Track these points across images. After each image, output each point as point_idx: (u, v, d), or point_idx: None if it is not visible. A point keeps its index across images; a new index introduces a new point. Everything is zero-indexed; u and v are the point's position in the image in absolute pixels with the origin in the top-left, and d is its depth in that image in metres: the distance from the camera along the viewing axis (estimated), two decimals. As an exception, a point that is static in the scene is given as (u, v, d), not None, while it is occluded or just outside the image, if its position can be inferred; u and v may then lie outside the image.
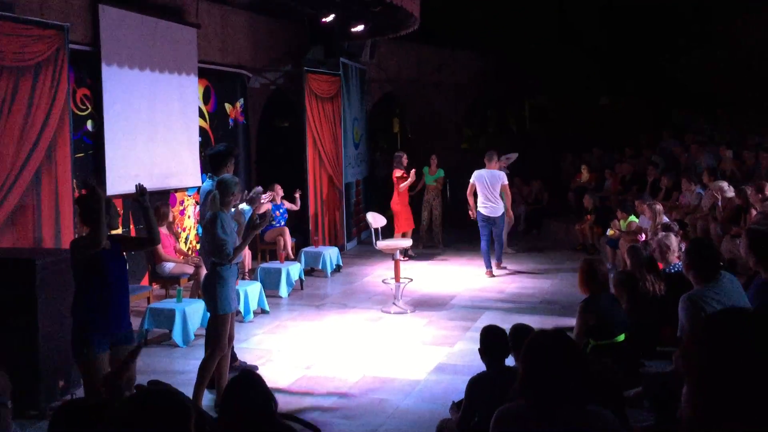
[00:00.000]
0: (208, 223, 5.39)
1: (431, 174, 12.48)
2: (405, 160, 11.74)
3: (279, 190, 10.35)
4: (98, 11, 8.06)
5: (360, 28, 11.41)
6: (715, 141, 12.99)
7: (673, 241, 6.02)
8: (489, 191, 10.34)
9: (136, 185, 4.75)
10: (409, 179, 11.45)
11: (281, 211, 10.37)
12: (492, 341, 4.03)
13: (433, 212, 12.55)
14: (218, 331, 5.35)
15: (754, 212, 7.58)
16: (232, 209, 5.67)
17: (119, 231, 8.51)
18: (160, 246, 7.78)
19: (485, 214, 10.35)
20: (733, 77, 15.60)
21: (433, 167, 12.48)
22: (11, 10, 6.55)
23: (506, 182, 10.50)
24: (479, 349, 4.06)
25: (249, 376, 3.07)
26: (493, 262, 10.50)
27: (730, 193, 8.68)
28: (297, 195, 10.54)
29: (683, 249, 5.22)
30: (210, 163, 6.25)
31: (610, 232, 10.00)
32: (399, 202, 11.67)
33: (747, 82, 15.40)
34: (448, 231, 13.18)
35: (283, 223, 10.34)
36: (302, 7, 10.51)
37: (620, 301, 5.34)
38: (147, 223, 4.78)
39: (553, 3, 16.95)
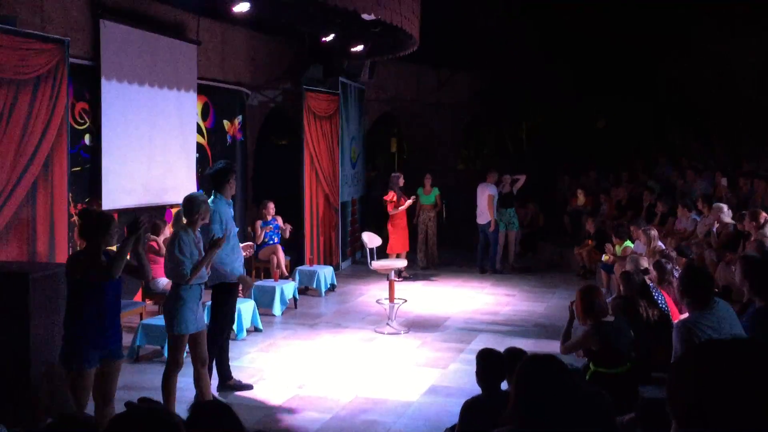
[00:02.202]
0: (168, 243, 5.39)
1: (426, 194, 12.51)
2: (401, 182, 11.81)
3: (271, 208, 10.32)
4: (99, 26, 8.10)
5: (359, 48, 11.47)
6: (711, 167, 13.05)
7: (668, 267, 6.06)
8: (478, 201, 12.23)
9: (136, 218, 4.69)
10: (405, 205, 11.59)
11: (272, 226, 10.32)
12: (488, 365, 4.01)
13: (428, 232, 12.56)
14: (172, 351, 5.35)
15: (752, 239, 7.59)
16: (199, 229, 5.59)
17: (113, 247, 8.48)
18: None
19: (477, 221, 12.35)
20: (728, 102, 15.71)
21: (427, 187, 12.52)
22: (13, 24, 6.59)
23: (491, 193, 12.08)
24: (476, 372, 4.04)
25: (216, 409, 2.57)
26: (491, 266, 12.21)
27: (728, 217, 8.70)
28: (287, 228, 10.43)
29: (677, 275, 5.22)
30: (212, 180, 6.23)
31: (605, 257, 10.00)
32: (393, 224, 11.70)
33: (741, 107, 15.52)
34: (443, 251, 13.19)
35: (276, 240, 10.31)
36: (302, 27, 10.57)
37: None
38: (137, 258, 4.75)
39: (551, 26, 17.07)
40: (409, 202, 11.63)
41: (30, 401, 5.23)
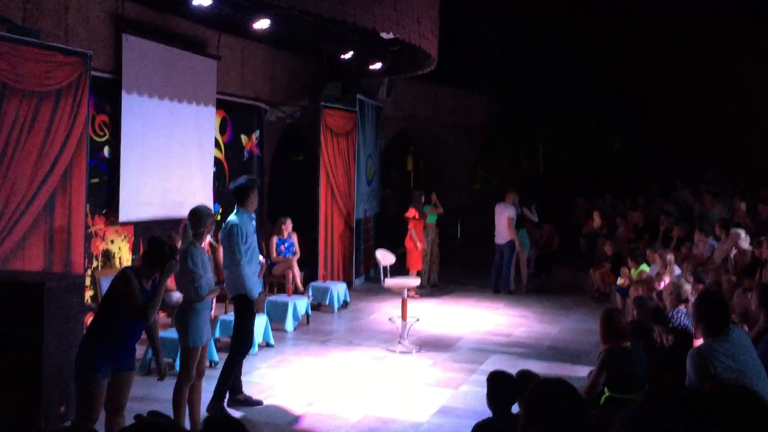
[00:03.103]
0: (180, 258, 5.41)
1: (433, 212, 12.53)
2: (423, 199, 11.88)
3: (288, 224, 10.33)
4: (122, 40, 8.20)
5: (378, 66, 11.54)
6: (729, 192, 12.94)
7: (687, 287, 6.00)
8: (497, 221, 12.24)
9: (166, 251, 4.69)
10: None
11: (286, 245, 10.34)
12: (499, 388, 3.98)
13: (433, 251, 12.56)
14: (185, 364, 5.37)
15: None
16: (205, 241, 5.66)
17: (129, 260, 8.55)
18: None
19: (495, 241, 12.31)
20: (745, 125, 15.63)
21: (433, 202, 12.53)
22: (36, 36, 6.68)
23: (510, 215, 12.08)
24: (486, 395, 4.01)
25: (228, 424, 2.40)
26: (505, 287, 12.21)
27: (746, 243, 8.61)
28: (296, 255, 10.40)
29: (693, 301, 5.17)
30: (234, 195, 6.28)
31: (620, 280, 9.93)
32: (413, 240, 11.73)
33: (759, 130, 15.42)
34: (457, 270, 13.16)
35: (291, 254, 10.30)
36: (321, 44, 10.65)
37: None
38: (154, 291, 4.66)
39: (568, 49, 17.09)
40: (420, 245, 11.77)
41: (41, 410, 5.24)
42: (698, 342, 4.71)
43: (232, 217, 6.14)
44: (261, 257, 6.44)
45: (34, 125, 6.58)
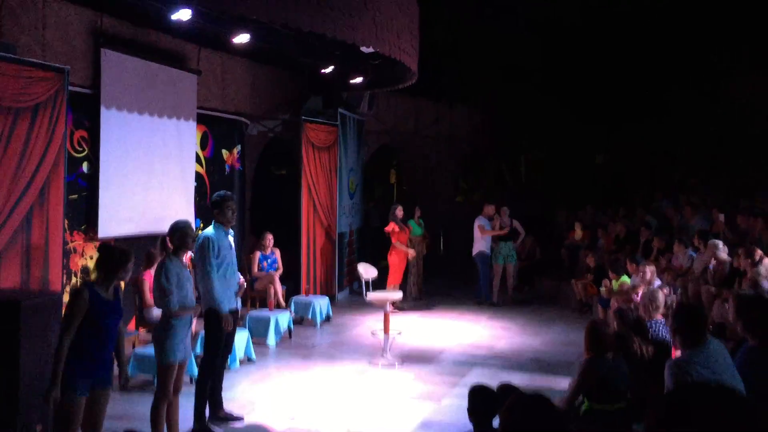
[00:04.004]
0: (155, 272, 5.42)
1: (419, 225, 12.54)
2: (400, 213, 11.82)
3: (269, 240, 10.31)
4: (100, 55, 8.16)
5: (359, 80, 11.56)
6: (708, 204, 13.06)
7: (660, 296, 6.05)
8: (474, 233, 12.34)
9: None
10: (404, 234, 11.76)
11: (269, 261, 10.31)
12: (480, 401, 3.97)
13: (418, 263, 12.56)
14: (162, 381, 5.33)
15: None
16: (186, 256, 5.66)
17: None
18: (147, 291, 7.74)
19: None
20: (726, 138, 15.82)
21: (416, 219, 12.55)
22: (13, 52, 6.64)
23: (479, 223, 12.28)
24: (467, 409, 4.00)
25: None
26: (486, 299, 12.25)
27: (724, 254, 8.68)
28: (279, 270, 10.37)
29: (671, 312, 5.19)
30: (211, 210, 6.30)
31: (602, 290, 9.98)
32: (395, 254, 11.71)
33: (740, 143, 15.61)
34: (441, 283, 13.17)
35: (274, 270, 10.27)
36: (302, 58, 10.66)
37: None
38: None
39: (550, 61, 17.24)
40: (411, 252, 11.79)
41: (18, 430, 5.17)
42: (677, 353, 4.73)
43: (207, 230, 6.13)
44: (241, 277, 6.36)
45: (10, 141, 6.52)
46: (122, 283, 4.83)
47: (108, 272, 4.59)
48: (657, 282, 8.35)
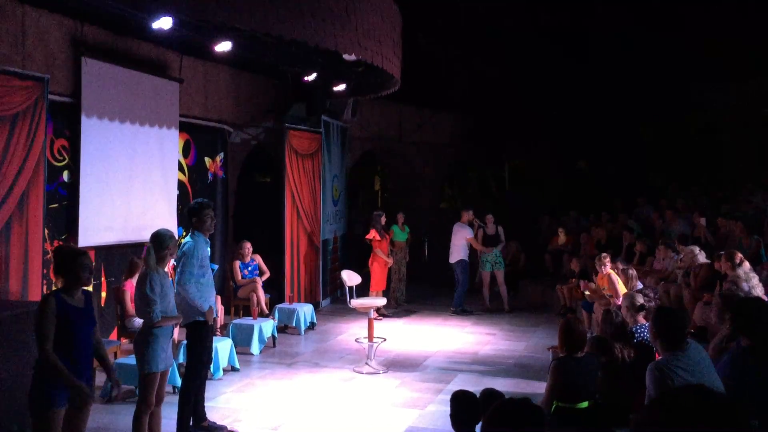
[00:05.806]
0: (138, 281, 5.38)
1: (402, 231, 12.55)
2: (383, 220, 11.83)
3: (248, 248, 10.27)
4: (81, 63, 8.11)
5: (342, 87, 11.57)
6: (689, 208, 13.17)
7: (639, 298, 6.11)
8: (452, 241, 12.21)
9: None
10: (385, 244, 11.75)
11: (250, 269, 10.27)
12: (462, 408, 3.96)
13: (401, 270, 12.56)
14: (144, 390, 5.29)
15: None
16: (169, 265, 5.61)
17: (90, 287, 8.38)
18: (129, 301, 7.68)
19: (449, 261, 12.31)
20: (706, 144, 15.98)
21: (400, 225, 12.55)
22: (-8, 61, 6.59)
23: (468, 236, 12.13)
24: (450, 415, 4.00)
25: None
26: (457, 305, 12.08)
27: (701, 258, 8.75)
28: (265, 275, 10.42)
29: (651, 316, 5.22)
30: (189, 218, 6.22)
31: (586, 292, 10.03)
32: (377, 261, 11.70)
33: (719, 150, 15.78)
34: (425, 289, 13.17)
35: (254, 276, 10.23)
36: (285, 66, 10.66)
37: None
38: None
39: (532, 67, 17.33)
40: (389, 261, 11.83)
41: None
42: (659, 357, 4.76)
43: (188, 240, 6.08)
44: (218, 297, 6.30)
45: (-11, 151, 6.47)
46: (90, 288, 4.75)
47: (68, 274, 4.46)
48: (639, 285, 8.41)
